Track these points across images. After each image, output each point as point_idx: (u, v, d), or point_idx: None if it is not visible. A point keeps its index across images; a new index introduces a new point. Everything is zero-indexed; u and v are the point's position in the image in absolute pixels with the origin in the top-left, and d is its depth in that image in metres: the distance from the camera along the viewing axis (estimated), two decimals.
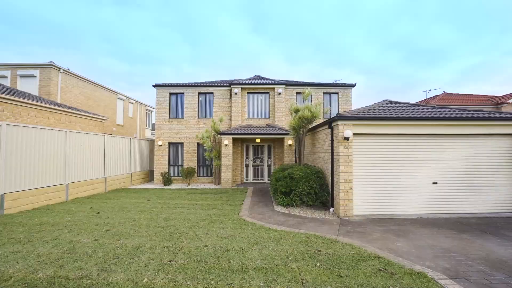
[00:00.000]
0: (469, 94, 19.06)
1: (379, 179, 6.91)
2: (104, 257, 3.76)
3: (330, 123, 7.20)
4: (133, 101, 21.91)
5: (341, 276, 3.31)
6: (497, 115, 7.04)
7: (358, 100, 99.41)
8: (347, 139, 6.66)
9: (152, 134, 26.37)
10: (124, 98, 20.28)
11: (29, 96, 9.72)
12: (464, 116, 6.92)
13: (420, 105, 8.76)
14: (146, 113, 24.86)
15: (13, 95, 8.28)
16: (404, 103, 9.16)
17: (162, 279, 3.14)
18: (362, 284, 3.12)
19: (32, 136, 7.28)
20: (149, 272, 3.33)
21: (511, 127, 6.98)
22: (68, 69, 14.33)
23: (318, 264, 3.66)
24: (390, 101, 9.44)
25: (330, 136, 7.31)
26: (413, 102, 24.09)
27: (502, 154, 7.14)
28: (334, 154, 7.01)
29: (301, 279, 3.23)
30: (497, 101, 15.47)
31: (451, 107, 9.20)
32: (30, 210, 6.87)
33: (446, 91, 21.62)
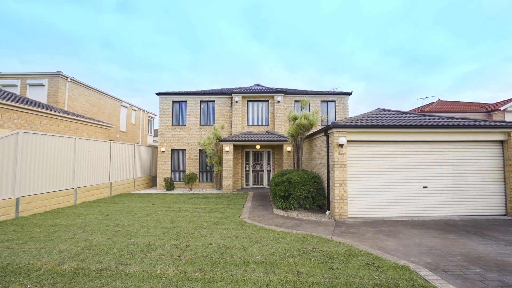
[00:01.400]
0: (462, 102, 19.64)
1: (373, 183, 7.33)
2: (119, 253, 4.16)
3: (325, 130, 7.67)
4: (136, 109, 22.46)
5: (332, 269, 3.71)
6: (482, 123, 7.51)
7: (358, 106, 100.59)
8: (341, 145, 7.11)
9: (154, 141, 26.83)
10: (127, 105, 20.82)
11: (40, 104, 10.21)
12: (451, 124, 7.40)
13: (412, 113, 9.25)
14: (148, 120, 25.38)
15: (26, 104, 8.76)
16: (397, 112, 9.64)
17: (173, 271, 3.54)
18: (350, 275, 3.52)
19: (44, 143, 7.72)
20: (161, 265, 3.73)
21: (495, 134, 7.46)
22: (73, 77, 14.86)
23: (312, 259, 4.06)
24: (384, 110, 9.92)
25: (326, 143, 7.77)
26: (410, 108, 24.69)
27: (488, 159, 7.58)
28: (330, 160, 7.45)
29: (297, 271, 3.63)
30: (489, 109, 16.01)
31: (441, 115, 9.70)
32: (42, 213, 7.26)
33: (441, 99, 22.23)
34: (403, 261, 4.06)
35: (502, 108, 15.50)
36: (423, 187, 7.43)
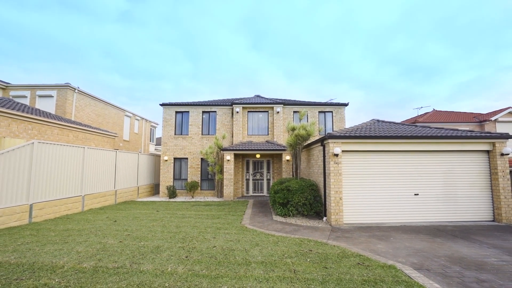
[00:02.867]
0: (456, 112, 20.24)
1: (367, 191, 7.74)
2: (131, 254, 4.55)
3: (322, 141, 8.14)
4: (139, 118, 23.03)
5: (326, 268, 4.10)
6: (468, 134, 8.00)
7: (357, 115, 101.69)
8: (336, 155, 7.57)
9: (155, 149, 27.27)
10: (131, 115, 21.40)
11: (51, 115, 10.73)
12: (439, 135, 7.89)
13: (404, 124, 9.77)
14: (151, 129, 25.91)
15: (40, 116, 9.28)
16: (390, 122, 10.15)
17: (182, 269, 3.93)
18: (342, 272, 3.91)
19: (56, 152, 8.18)
20: (171, 264, 4.12)
21: (481, 144, 7.94)
22: (78, 87, 15.37)
23: (308, 260, 4.45)
24: (378, 120, 10.44)
25: (322, 152, 8.23)
26: (407, 117, 25.32)
27: (475, 168, 8.03)
28: (326, 168, 7.89)
29: (294, 269, 4.03)
30: (481, 119, 16.58)
31: (431, 125, 10.21)
32: (53, 219, 7.63)
33: (436, 109, 22.87)
34: (391, 261, 4.44)
35: (493, 118, 16.07)
36: (415, 194, 7.84)
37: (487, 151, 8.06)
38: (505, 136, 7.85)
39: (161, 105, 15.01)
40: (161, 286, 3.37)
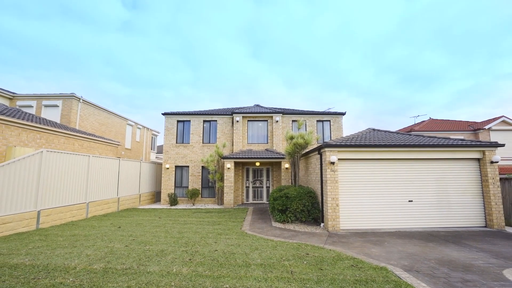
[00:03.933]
0: (452, 120, 20.69)
1: (362, 197, 8.03)
2: (138, 257, 4.81)
3: (319, 149, 8.49)
4: (140, 127, 23.43)
5: (321, 269, 4.36)
6: (459, 142, 8.35)
7: (356, 123, 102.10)
8: (333, 163, 7.89)
9: (156, 157, 27.56)
10: (133, 124, 21.81)
11: (57, 124, 11.10)
12: (432, 143, 8.24)
13: (399, 133, 10.13)
14: (152, 137, 26.28)
15: (47, 125, 9.64)
16: (385, 131, 10.52)
17: (186, 270, 4.20)
18: (336, 273, 4.17)
19: (63, 160, 8.50)
20: (176, 266, 4.39)
21: (472, 152, 8.28)
22: (82, 96, 15.78)
23: (305, 262, 4.71)
24: (374, 129, 10.80)
25: (319, 160, 8.56)
26: (405, 125, 25.79)
27: (467, 175, 8.34)
28: (323, 176, 8.20)
29: (291, 270, 4.29)
30: (475, 127, 16.98)
31: (425, 134, 10.57)
32: (59, 225, 7.87)
33: (432, 117, 23.36)
34: (383, 264, 4.70)
35: (487, 127, 16.47)
36: (409, 201, 8.11)
37: (478, 159, 8.39)
38: (494, 145, 8.20)
39: (163, 114, 15.44)
40: (168, 285, 3.63)
